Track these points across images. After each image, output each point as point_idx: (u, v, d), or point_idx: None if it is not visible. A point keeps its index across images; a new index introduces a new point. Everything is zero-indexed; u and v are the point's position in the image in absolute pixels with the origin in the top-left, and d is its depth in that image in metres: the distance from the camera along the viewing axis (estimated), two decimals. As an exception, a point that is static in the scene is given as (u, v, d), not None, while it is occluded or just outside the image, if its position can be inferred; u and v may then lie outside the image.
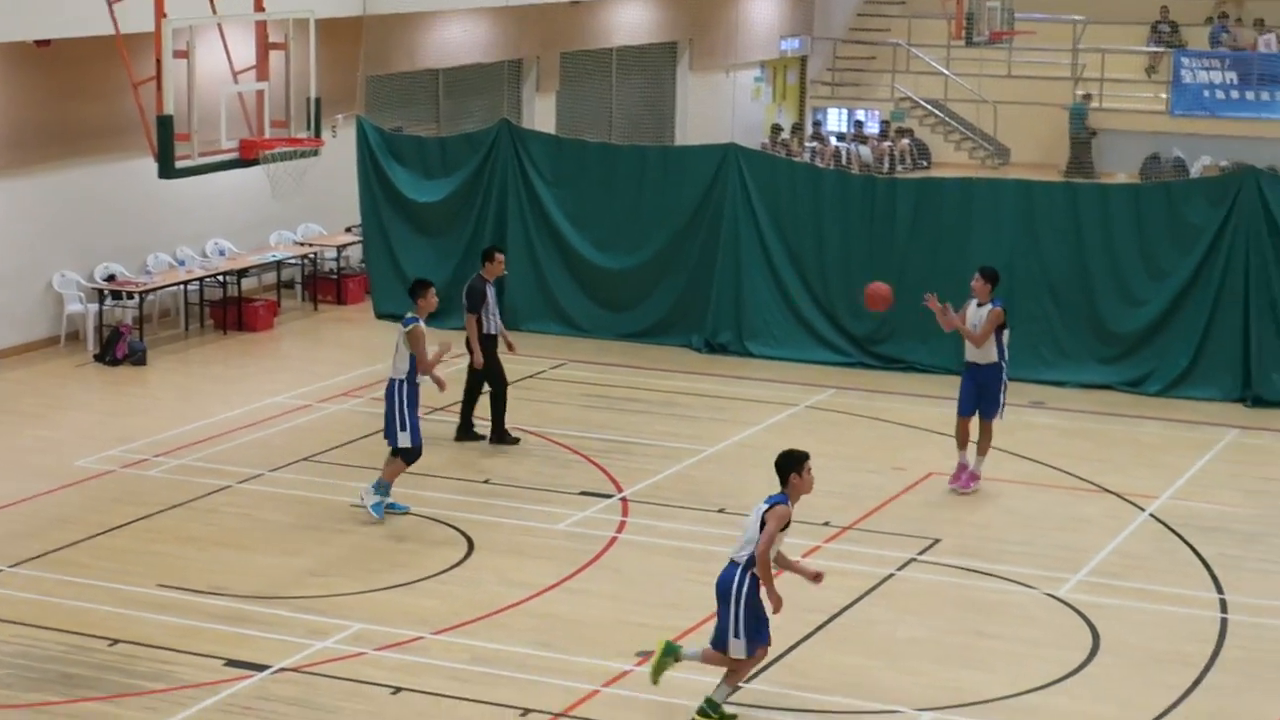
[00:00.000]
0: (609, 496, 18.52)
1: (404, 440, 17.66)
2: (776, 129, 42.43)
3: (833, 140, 42.82)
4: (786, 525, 13.05)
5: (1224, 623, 15.46)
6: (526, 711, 13.37)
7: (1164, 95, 42.77)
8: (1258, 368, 22.94)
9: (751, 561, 12.95)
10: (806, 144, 42.08)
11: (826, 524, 17.77)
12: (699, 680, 13.49)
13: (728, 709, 13.25)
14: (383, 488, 17.74)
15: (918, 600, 15.94)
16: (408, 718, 13.33)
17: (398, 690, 13.73)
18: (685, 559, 16.77)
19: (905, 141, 42.93)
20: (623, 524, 17.78)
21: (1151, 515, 18.37)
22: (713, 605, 13.08)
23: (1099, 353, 23.61)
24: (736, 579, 12.99)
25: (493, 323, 20.42)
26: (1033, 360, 23.66)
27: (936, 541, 17.37)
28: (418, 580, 16.14)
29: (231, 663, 14.22)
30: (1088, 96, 42.21)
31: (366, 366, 23.79)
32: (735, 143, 26.09)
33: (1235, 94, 41.56)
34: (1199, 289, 23.23)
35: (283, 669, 14.10)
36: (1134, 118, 42.20)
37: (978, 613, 15.67)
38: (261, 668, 14.13)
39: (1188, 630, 15.28)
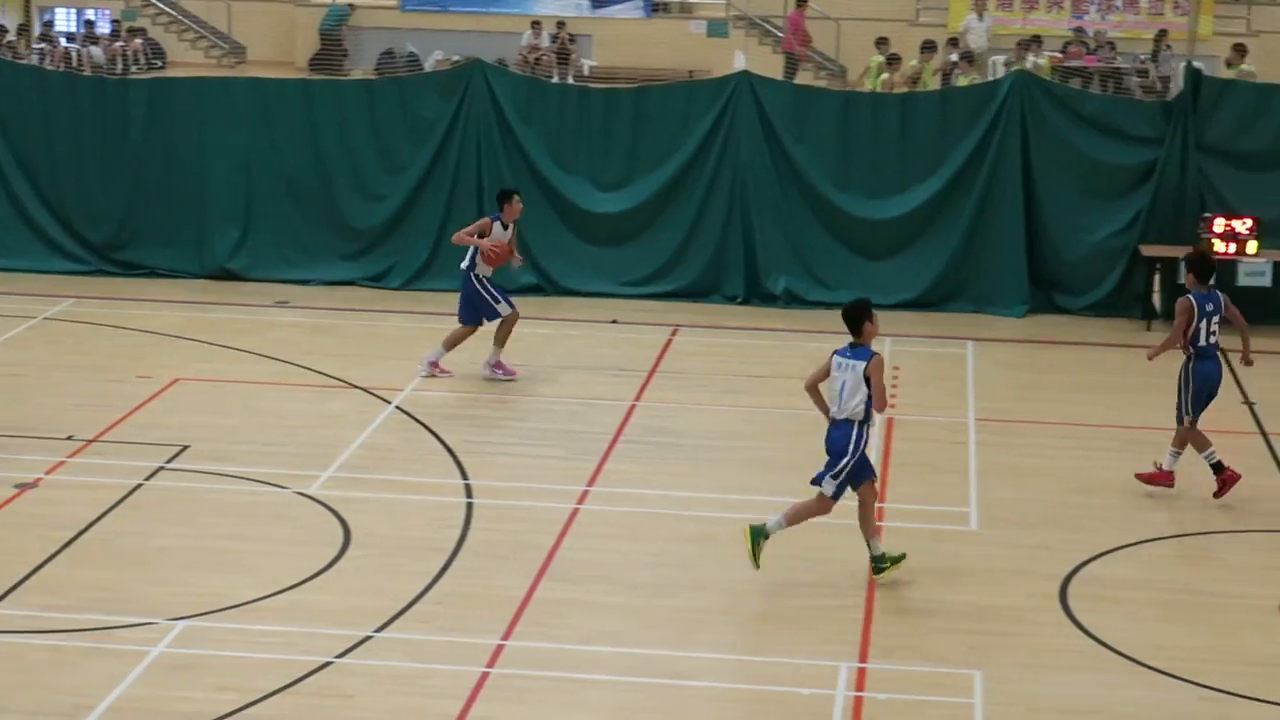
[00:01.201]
0: None
1: None
2: (1, 30, 40.71)
3: (63, 41, 41.43)
4: None
5: (469, 507, 15.94)
6: None
7: (395, -9, 43.32)
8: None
9: (866, 418, 13.91)
10: (34, 45, 40.54)
11: (70, 438, 17.31)
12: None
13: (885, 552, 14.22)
14: None
15: (169, 508, 15.74)
16: None
17: None
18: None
19: (138, 41, 41.99)
20: None
21: (398, 408, 18.72)
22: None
23: (341, 249, 23.85)
24: (851, 435, 13.93)
25: None
26: (276, 260, 23.82)
27: (185, 448, 17.18)
28: None
29: None
30: (353, 6, 42.26)
31: None
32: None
33: (466, -11, 42.46)
34: (435, 182, 23.75)
35: None
36: (368, 13, 42.58)
37: (231, 516, 15.61)
38: None
39: (436, 517, 15.67)
